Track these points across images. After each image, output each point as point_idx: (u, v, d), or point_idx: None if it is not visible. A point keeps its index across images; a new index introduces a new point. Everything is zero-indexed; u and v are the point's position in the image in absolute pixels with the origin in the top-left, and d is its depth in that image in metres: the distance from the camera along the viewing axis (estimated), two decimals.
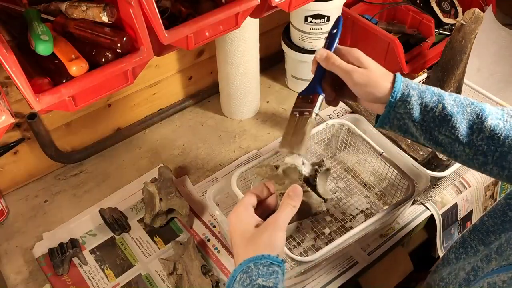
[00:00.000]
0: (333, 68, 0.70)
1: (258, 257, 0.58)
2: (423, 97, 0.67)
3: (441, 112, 0.66)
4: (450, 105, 0.66)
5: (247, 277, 0.57)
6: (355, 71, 0.68)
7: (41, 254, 0.95)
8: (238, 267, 0.58)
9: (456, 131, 0.66)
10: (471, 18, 1.02)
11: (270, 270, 0.57)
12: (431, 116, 0.67)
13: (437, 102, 0.67)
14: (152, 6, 0.60)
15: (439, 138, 0.68)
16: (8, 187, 1.07)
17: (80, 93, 0.61)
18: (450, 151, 0.69)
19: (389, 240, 0.98)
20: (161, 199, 0.98)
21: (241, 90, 1.16)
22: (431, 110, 0.67)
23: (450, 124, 0.66)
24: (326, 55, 0.71)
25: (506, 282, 0.48)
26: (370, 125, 1.04)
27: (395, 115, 0.68)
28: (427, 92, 0.67)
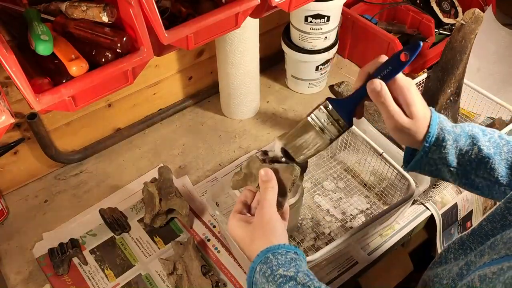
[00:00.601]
0: (378, 104, 0.64)
1: (275, 247, 0.59)
2: (458, 140, 0.64)
3: (477, 155, 0.64)
4: (486, 147, 0.64)
5: (267, 268, 0.57)
6: (399, 118, 0.63)
7: (41, 254, 0.95)
8: (256, 258, 0.59)
9: (496, 173, 0.63)
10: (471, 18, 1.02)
11: (288, 258, 0.58)
12: (467, 160, 0.64)
13: (472, 145, 0.64)
14: (152, 6, 0.60)
15: (476, 181, 0.65)
16: (8, 187, 1.07)
17: (80, 93, 0.61)
18: (488, 194, 0.67)
19: (389, 240, 0.98)
20: (161, 199, 0.98)
21: (241, 90, 1.16)
22: (467, 154, 0.64)
23: (488, 166, 0.63)
24: (380, 91, 0.62)
25: (495, 273, 0.48)
26: (370, 125, 1.04)
27: (428, 160, 0.65)
28: (462, 135, 0.64)
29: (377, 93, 0.62)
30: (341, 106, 0.65)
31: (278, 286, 0.56)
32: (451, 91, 1.12)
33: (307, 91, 1.31)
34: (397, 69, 0.62)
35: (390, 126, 0.65)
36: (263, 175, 0.65)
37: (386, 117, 0.65)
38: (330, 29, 1.17)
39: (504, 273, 0.47)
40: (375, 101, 0.64)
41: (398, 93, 0.63)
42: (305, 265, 0.60)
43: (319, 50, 1.20)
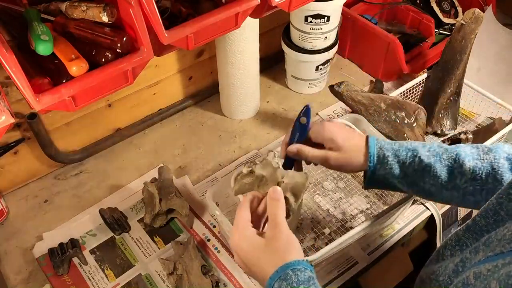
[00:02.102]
0: (306, 159, 0.75)
1: (294, 263, 0.59)
2: (398, 155, 0.71)
3: (419, 165, 0.70)
4: (426, 156, 0.70)
5: (287, 284, 0.57)
6: (329, 158, 0.73)
7: (41, 254, 0.95)
8: (274, 274, 0.58)
9: (439, 179, 0.70)
10: (471, 18, 1.02)
11: (307, 275, 0.58)
12: (411, 171, 0.71)
13: (413, 157, 0.71)
14: (152, 6, 0.60)
15: (426, 188, 0.72)
16: (8, 187, 1.07)
17: (80, 93, 0.61)
18: (441, 198, 0.73)
19: (389, 240, 0.98)
20: (161, 199, 0.98)
21: (241, 90, 1.16)
22: (410, 165, 0.71)
23: (432, 173, 0.70)
24: (297, 152, 0.75)
25: (490, 270, 0.49)
26: (370, 125, 1.04)
27: (378, 177, 0.73)
28: (401, 149, 0.72)
29: (296, 154, 0.75)
30: None
31: None
32: (451, 91, 1.12)
33: (307, 91, 1.31)
34: (303, 131, 0.76)
35: (330, 168, 0.75)
36: (272, 193, 0.65)
37: (321, 163, 0.75)
38: (330, 29, 1.17)
39: (499, 270, 0.47)
40: (302, 159, 0.76)
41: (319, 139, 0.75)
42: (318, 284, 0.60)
43: (319, 50, 1.20)
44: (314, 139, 0.76)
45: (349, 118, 1.05)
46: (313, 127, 0.76)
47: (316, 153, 0.74)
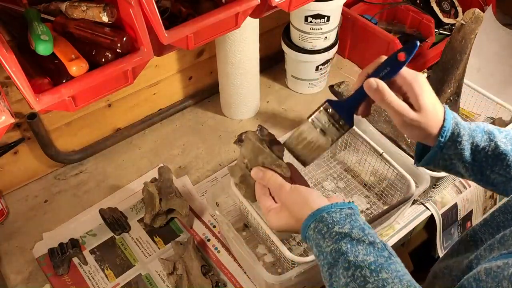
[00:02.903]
0: (381, 102, 0.63)
1: (328, 206, 0.60)
2: (474, 136, 0.63)
3: (494, 151, 0.63)
4: (503, 143, 0.63)
5: (323, 225, 0.59)
6: (407, 114, 0.62)
7: (41, 254, 0.95)
8: (310, 216, 0.60)
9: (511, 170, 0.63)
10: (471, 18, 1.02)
11: (344, 214, 0.59)
12: (483, 156, 0.63)
13: (489, 141, 0.63)
14: (152, 6, 0.60)
15: (491, 177, 0.65)
16: (8, 187, 1.07)
17: (80, 93, 0.61)
18: (503, 190, 0.66)
19: (389, 240, 0.98)
20: (161, 199, 0.98)
21: (241, 90, 1.16)
22: (483, 150, 0.63)
23: (505, 163, 0.63)
24: (376, 88, 0.62)
25: (500, 267, 0.48)
26: (370, 125, 1.04)
27: (443, 156, 0.64)
28: (477, 130, 0.64)
29: (374, 91, 0.63)
30: (341, 107, 0.66)
31: (334, 242, 0.57)
32: (451, 91, 1.12)
33: (307, 91, 1.31)
34: (395, 69, 0.63)
35: (398, 123, 0.64)
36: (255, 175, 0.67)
37: (392, 115, 0.64)
38: (330, 29, 1.17)
39: (509, 268, 0.47)
40: (376, 100, 0.64)
41: (405, 88, 0.63)
42: (361, 218, 0.60)
43: (319, 50, 1.20)
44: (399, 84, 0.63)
45: None
46: (404, 72, 0.63)
47: (396, 102, 0.62)
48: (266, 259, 0.94)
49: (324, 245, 0.58)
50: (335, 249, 0.57)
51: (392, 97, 0.62)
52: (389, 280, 0.52)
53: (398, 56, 0.62)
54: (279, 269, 0.93)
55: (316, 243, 0.59)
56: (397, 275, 0.53)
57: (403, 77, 0.63)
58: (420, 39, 1.30)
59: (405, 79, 0.63)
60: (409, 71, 0.64)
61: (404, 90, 0.63)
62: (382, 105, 0.63)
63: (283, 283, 0.80)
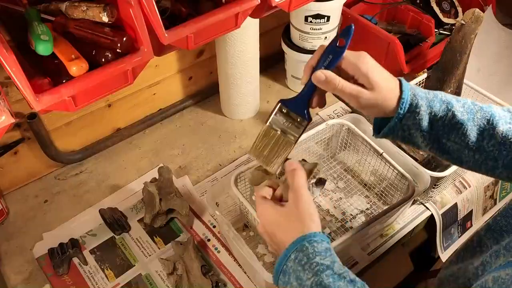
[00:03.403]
0: (335, 91, 0.64)
1: (311, 235, 0.58)
2: (432, 106, 0.64)
3: (451, 120, 0.64)
4: (460, 113, 0.64)
5: (303, 255, 0.57)
6: (362, 95, 0.63)
7: (41, 254, 0.95)
8: (291, 245, 0.58)
9: (466, 138, 0.64)
10: (471, 18, 1.02)
11: (323, 247, 0.58)
12: (440, 125, 0.64)
13: (447, 110, 0.64)
14: (152, 6, 0.60)
15: (447, 145, 0.66)
16: (8, 187, 1.07)
17: (80, 93, 0.61)
18: (456, 158, 0.67)
19: (389, 240, 0.98)
20: (161, 199, 0.98)
21: (241, 90, 1.16)
22: (441, 119, 0.64)
23: (460, 131, 0.64)
24: (325, 79, 0.63)
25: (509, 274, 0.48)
26: (370, 125, 1.04)
27: (402, 127, 0.65)
28: (435, 100, 0.64)
29: (324, 83, 0.63)
30: (295, 104, 0.67)
31: (314, 274, 0.55)
32: (451, 91, 1.12)
33: None
34: (337, 55, 0.63)
35: (356, 106, 0.65)
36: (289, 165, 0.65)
37: (348, 100, 0.64)
38: (330, 29, 1.17)
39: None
40: (328, 90, 0.64)
41: (352, 71, 0.64)
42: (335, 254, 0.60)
43: None
44: (345, 68, 0.64)
45: (349, 118, 1.05)
46: (347, 56, 0.64)
47: (347, 86, 0.62)
48: (266, 259, 0.94)
49: (304, 278, 0.56)
50: (316, 282, 0.55)
51: (343, 83, 0.63)
52: None
53: (338, 42, 0.63)
54: None
55: (296, 275, 0.57)
56: None
57: (347, 61, 0.64)
58: (420, 39, 1.30)
59: (350, 62, 0.63)
60: (352, 53, 0.64)
61: (352, 73, 0.64)
62: (336, 92, 0.64)
63: None
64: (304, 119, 0.67)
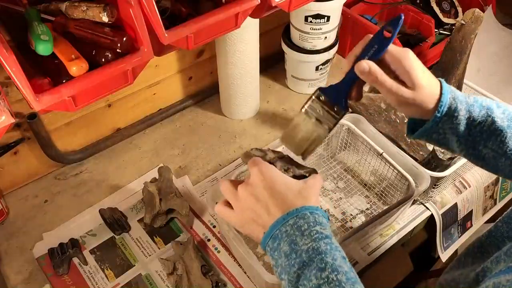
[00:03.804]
0: (375, 84, 0.62)
1: (313, 208, 0.57)
2: (471, 111, 0.62)
3: (490, 127, 0.62)
4: (500, 119, 0.62)
5: (304, 222, 0.56)
6: (400, 92, 0.61)
7: (41, 254, 0.95)
8: (293, 211, 0.57)
9: (505, 146, 0.62)
10: (471, 18, 1.02)
11: (324, 221, 0.57)
12: (478, 131, 0.63)
13: (486, 116, 0.62)
14: (152, 6, 0.60)
15: (483, 152, 0.64)
16: (8, 187, 1.07)
17: (80, 93, 0.61)
18: (492, 165, 0.66)
19: (389, 240, 0.98)
20: (161, 199, 0.98)
21: (241, 90, 1.16)
22: (479, 125, 0.62)
23: (499, 138, 0.62)
24: (369, 70, 0.61)
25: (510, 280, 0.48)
26: (370, 125, 1.04)
27: (438, 130, 0.63)
28: (475, 105, 0.63)
29: (366, 74, 0.62)
30: (333, 93, 0.65)
31: (313, 240, 0.54)
32: None
33: (307, 91, 1.31)
34: (382, 46, 0.61)
35: (393, 103, 0.63)
36: None
37: (386, 95, 0.63)
38: (330, 29, 1.17)
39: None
40: (368, 82, 0.63)
41: (394, 66, 0.62)
42: None
43: (319, 50, 1.20)
44: (388, 62, 0.62)
45: (349, 118, 1.05)
46: (392, 50, 0.62)
47: (388, 81, 0.61)
48: (266, 259, 0.94)
49: (301, 243, 0.55)
50: (313, 247, 0.54)
51: (385, 77, 0.61)
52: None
53: (384, 33, 0.61)
54: None
55: (291, 239, 0.55)
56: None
57: (391, 55, 0.62)
58: (420, 39, 1.30)
59: (394, 57, 0.62)
60: (397, 48, 0.63)
61: (394, 68, 0.62)
62: (376, 85, 0.62)
63: None
64: (341, 108, 0.65)
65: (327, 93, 0.65)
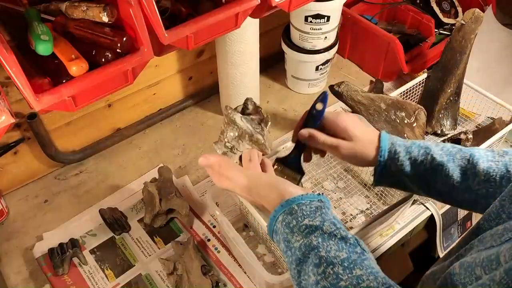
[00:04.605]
0: (317, 145, 0.74)
1: (299, 197, 0.59)
2: (410, 152, 0.70)
3: (431, 164, 0.69)
4: (439, 155, 0.69)
5: (292, 218, 0.58)
6: (341, 147, 0.71)
7: (41, 254, 0.95)
8: (279, 208, 0.59)
9: (451, 179, 0.68)
10: (471, 18, 1.02)
11: (313, 207, 0.58)
12: (423, 169, 0.69)
13: (425, 154, 0.69)
14: (152, 6, 0.60)
15: (437, 188, 0.70)
16: (8, 187, 1.07)
17: (80, 93, 0.61)
18: (453, 200, 0.71)
19: (389, 240, 0.98)
20: (161, 199, 0.98)
21: (241, 90, 1.16)
22: (421, 163, 0.69)
23: (443, 173, 0.68)
24: (309, 135, 0.73)
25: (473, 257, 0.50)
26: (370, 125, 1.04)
27: (388, 174, 0.71)
28: (413, 146, 0.70)
29: (308, 139, 0.73)
30: (289, 163, 0.76)
31: (304, 236, 0.56)
32: (451, 91, 1.12)
33: (307, 91, 1.31)
34: (317, 118, 0.74)
35: (339, 156, 0.73)
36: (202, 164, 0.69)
37: (331, 152, 0.74)
38: (330, 29, 1.17)
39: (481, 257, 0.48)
40: (313, 144, 0.74)
41: (333, 127, 0.73)
42: (331, 212, 0.60)
43: (319, 50, 1.20)
44: (327, 126, 0.74)
45: None
46: (327, 116, 0.75)
47: (328, 139, 0.73)
48: (266, 259, 0.94)
49: (293, 240, 0.56)
50: (305, 244, 0.55)
51: (324, 137, 0.73)
52: (364, 277, 0.50)
53: (316, 106, 0.74)
54: (279, 269, 0.93)
55: (284, 237, 0.58)
56: (372, 271, 0.51)
57: (328, 119, 0.74)
58: (420, 39, 1.30)
59: (330, 120, 0.74)
60: (332, 113, 0.75)
61: (333, 129, 0.74)
62: (319, 146, 0.73)
63: (283, 283, 0.80)
64: (298, 173, 0.76)
65: (284, 164, 0.77)
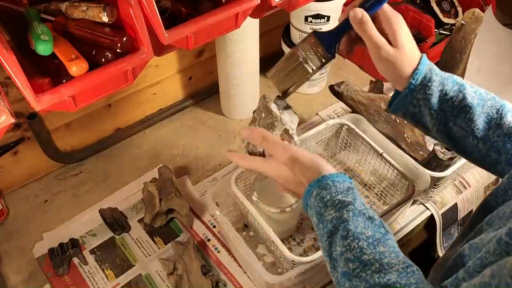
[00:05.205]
0: (362, 34, 0.65)
1: (333, 175, 0.61)
2: (444, 84, 0.65)
3: (460, 102, 0.65)
4: (471, 96, 0.65)
5: (326, 193, 0.59)
6: (384, 48, 0.64)
7: (41, 254, 0.95)
8: (315, 182, 0.61)
9: (473, 124, 0.65)
10: (471, 18, 1.02)
11: (346, 186, 0.60)
12: (450, 105, 0.65)
13: (458, 92, 0.65)
14: (152, 6, 0.60)
15: (453, 130, 0.66)
16: (8, 187, 1.07)
17: (80, 93, 0.61)
18: (462, 146, 0.67)
19: None
20: (161, 199, 0.98)
21: (241, 90, 1.16)
22: (451, 99, 0.65)
23: (468, 116, 0.65)
24: (361, 19, 0.64)
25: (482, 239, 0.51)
26: (370, 125, 1.04)
27: (412, 100, 0.66)
28: (449, 79, 0.66)
29: (358, 21, 0.65)
30: (325, 38, 0.68)
31: (337, 210, 0.58)
32: None
33: (307, 91, 1.30)
34: (378, 3, 0.65)
35: (374, 57, 0.66)
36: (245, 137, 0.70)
37: (369, 48, 0.66)
38: None
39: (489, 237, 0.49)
40: (358, 31, 0.66)
41: (384, 24, 0.65)
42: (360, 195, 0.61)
43: None
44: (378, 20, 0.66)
45: (349, 118, 1.05)
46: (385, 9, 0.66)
47: (376, 34, 0.64)
48: (266, 259, 0.94)
49: (326, 213, 0.59)
50: (336, 217, 0.57)
51: (374, 30, 0.65)
52: (386, 253, 0.53)
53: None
54: (279, 269, 0.93)
55: (317, 211, 0.60)
56: (394, 250, 0.54)
57: (384, 13, 0.66)
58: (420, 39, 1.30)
59: (386, 15, 0.66)
60: (391, 9, 0.66)
61: (383, 26, 0.66)
62: (363, 36, 0.65)
63: (283, 283, 0.80)
64: (328, 52, 0.68)
65: (319, 37, 0.69)
